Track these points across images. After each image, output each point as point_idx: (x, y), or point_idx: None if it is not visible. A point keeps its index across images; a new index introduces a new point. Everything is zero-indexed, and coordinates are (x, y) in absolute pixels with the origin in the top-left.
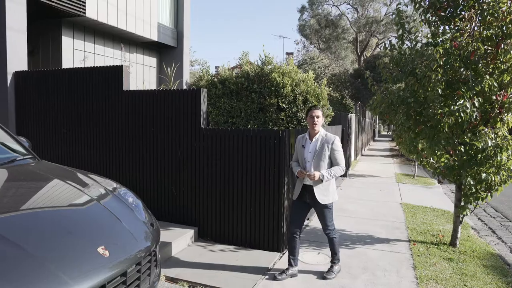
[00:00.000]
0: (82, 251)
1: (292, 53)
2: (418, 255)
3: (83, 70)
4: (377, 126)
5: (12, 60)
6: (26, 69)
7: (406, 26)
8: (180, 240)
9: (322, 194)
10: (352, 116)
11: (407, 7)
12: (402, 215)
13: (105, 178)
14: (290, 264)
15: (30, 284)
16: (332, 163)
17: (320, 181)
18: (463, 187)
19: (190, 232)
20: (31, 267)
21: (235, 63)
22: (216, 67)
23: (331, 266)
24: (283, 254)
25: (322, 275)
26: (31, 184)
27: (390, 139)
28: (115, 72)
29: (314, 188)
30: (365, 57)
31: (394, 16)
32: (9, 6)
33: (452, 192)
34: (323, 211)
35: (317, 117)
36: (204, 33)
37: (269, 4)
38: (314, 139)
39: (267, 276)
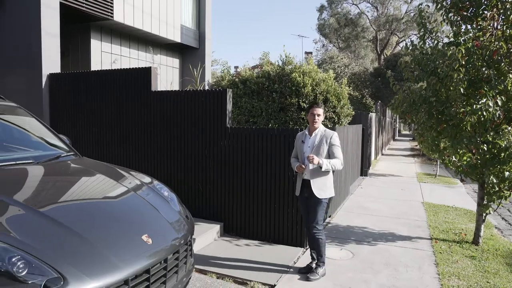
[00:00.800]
0: (129, 238)
1: (311, 52)
2: (440, 252)
3: (113, 72)
4: (397, 126)
5: (46, 62)
6: (59, 71)
7: (428, 26)
8: (207, 235)
9: (319, 189)
10: (373, 115)
11: (429, 7)
12: (423, 214)
13: (141, 173)
14: (312, 258)
15: (87, 265)
16: (330, 158)
17: (318, 175)
18: (486, 185)
19: (216, 227)
20: (87, 251)
21: (255, 63)
22: (235, 67)
23: (316, 268)
24: (306, 249)
25: (339, 269)
26: (78, 178)
27: (411, 138)
28: (144, 74)
29: (311, 181)
30: (385, 56)
31: (414, 14)
32: (44, 12)
33: (475, 191)
34: (316, 205)
35: (318, 115)
36: (222, 33)
37: (288, 3)
38: (313, 134)
39: (291, 270)
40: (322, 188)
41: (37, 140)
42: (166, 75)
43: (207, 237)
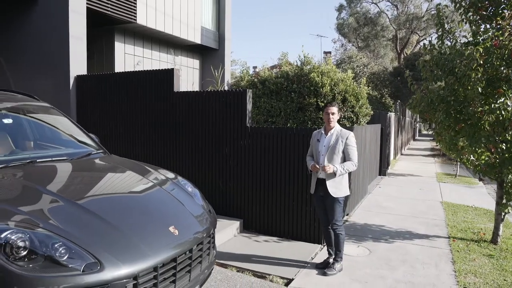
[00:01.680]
0: (157, 229)
1: (329, 52)
2: (458, 250)
3: (137, 73)
4: (417, 125)
5: (74, 65)
6: (86, 73)
7: (446, 26)
8: (227, 231)
9: (334, 187)
10: (392, 115)
11: (447, 7)
12: (442, 213)
13: (165, 169)
14: (329, 254)
15: (121, 252)
16: (345, 158)
17: (333, 174)
18: (504, 184)
19: (236, 224)
20: (120, 239)
21: (273, 63)
22: (254, 68)
23: (333, 263)
24: (323, 246)
25: (357, 266)
26: (108, 173)
27: (432, 138)
28: (167, 75)
29: (327, 181)
30: (405, 55)
31: (434, 13)
32: (72, 17)
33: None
34: (333, 204)
35: (333, 113)
36: (240, 33)
37: (306, 3)
38: (329, 134)
39: (309, 265)
40: (338, 187)
41: (69, 138)
42: (187, 76)
43: (227, 233)
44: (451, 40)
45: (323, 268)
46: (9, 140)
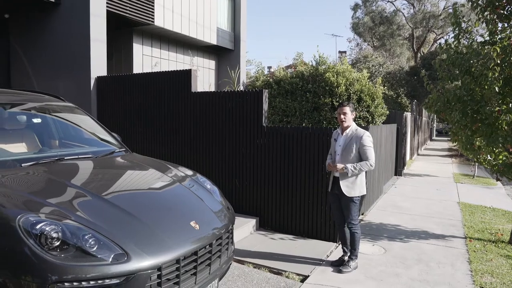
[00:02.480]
0: (180, 223)
1: (345, 52)
2: (474, 251)
3: (155, 74)
4: (435, 125)
5: (94, 66)
6: (106, 74)
7: (463, 25)
8: (244, 228)
9: (347, 187)
10: (408, 115)
11: (464, 6)
12: (459, 214)
13: (184, 167)
14: (344, 252)
15: (146, 244)
16: (361, 158)
17: (346, 174)
18: None
19: (252, 222)
20: (145, 232)
21: (288, 63)
22: (269, 68)
23: (348, 261)
24: (338, 244)
25: (370, 263)
26: (131, 171)
27: (449, 138)
28: (184, 76)
29: (340, 180)
30: (422, 54)
31: (451, 12)
32: (93, 20)
33: None
34: (348, 204)
35: (345, 114)
36: (255, 33)
37: (321, 2)
38: (344, 133)
39: (324, 263)
40: (352, 186)
41: (93, 137)
42: (203, 76)
43: (244, 231)
44: (467, 40)
45: (338, 265)
46: (37, 139)
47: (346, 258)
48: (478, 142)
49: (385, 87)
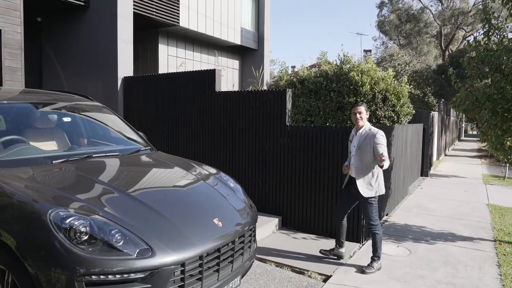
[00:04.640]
0: (203, 220)
1: (370, 50)
2: (504, 254)
3: (181, 74)
4: (463, 125)
5: (121, 67)
6: (132, 74)
7: (493, 22)
8: (266, 227)
9: (364, 187)
10: (435, 114)
11: (494, 2)
12: (488, 216)
13: (208, 166)
14: (338, 245)
15: (170, 240)
16: (375, 156)
17: (362, 173)
18: None
19: (275, 221)
20: (169, 228)
21: (312, 62)
22: (293, 67)
23: (371, 262)
24: (362, 244)
25: (393, 265)
26: (157, 168)
27: (478, 139)
28: (209, 75)
29: (357, 181)
30: (450, 52)
31: (481, 8)
32: (120, 22)
33: None
34: (365, 204)
35: (360, 113)
36: (278, 33)
37: (345, 0)
38: (358, 134)
39: (347, 263)
40: (368, 186)
41: (119, 136)
42: (227, 76)
43: (266, 230)
44: (498, 36)
45: (334, 255)
46: (67, 137)
47: (341, 250)
48: (509, 142)
49: (411, 86)
